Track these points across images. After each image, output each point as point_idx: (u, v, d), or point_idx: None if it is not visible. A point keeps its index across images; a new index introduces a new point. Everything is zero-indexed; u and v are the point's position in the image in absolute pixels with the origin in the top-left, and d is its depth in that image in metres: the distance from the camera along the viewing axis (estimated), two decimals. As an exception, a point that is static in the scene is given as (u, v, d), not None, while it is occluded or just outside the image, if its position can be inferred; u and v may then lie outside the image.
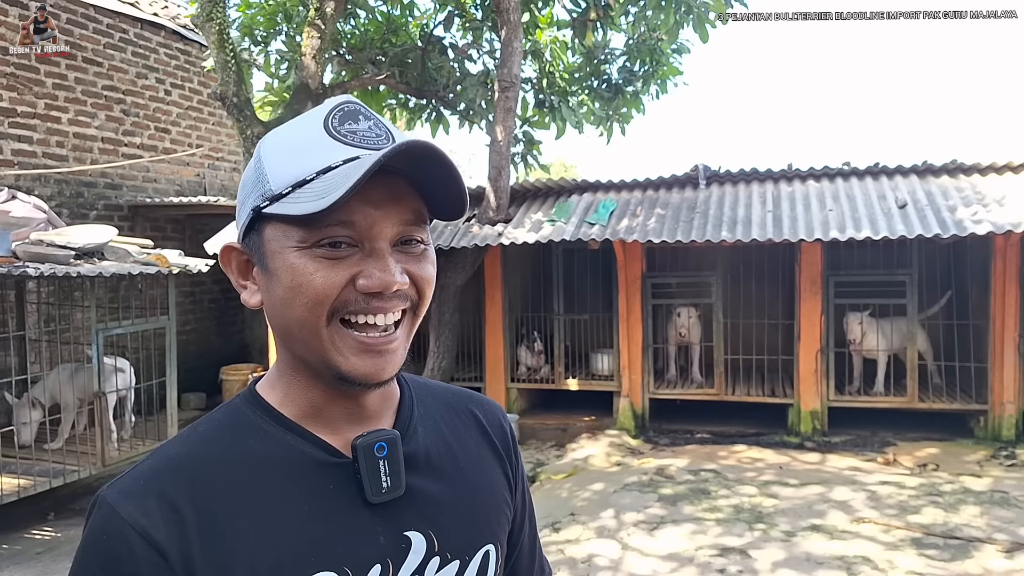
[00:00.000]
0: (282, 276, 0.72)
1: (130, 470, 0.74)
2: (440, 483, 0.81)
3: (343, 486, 0.75)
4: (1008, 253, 6.00)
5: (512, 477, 0.91)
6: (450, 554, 0.79)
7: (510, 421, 0.97)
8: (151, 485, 0.71)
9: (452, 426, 0.87)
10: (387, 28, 7.35)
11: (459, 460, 0.85)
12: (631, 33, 7.50)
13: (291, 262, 0.71)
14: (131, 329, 5.26)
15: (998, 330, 6.06)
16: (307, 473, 0.74)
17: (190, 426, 0.79)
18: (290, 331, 0.74)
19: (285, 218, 0.70)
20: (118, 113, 7.56)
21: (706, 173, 7.05)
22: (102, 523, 0.70)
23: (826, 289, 6.38)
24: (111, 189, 7.53)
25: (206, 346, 8.44)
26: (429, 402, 0.88)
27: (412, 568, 0.76)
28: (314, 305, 0.71)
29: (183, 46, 8.38)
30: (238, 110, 6.01)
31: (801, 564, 3.88)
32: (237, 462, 0.73)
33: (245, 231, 0.75)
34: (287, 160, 0.71)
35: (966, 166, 6.57)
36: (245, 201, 0.75)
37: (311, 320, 0.71)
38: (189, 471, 0.72)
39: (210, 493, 0.71)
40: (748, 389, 6.83)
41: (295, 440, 0.75)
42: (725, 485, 5.18)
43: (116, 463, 5.17)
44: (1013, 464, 5.51)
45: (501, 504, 0.88)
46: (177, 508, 0.70)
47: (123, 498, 0.70)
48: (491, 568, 0.83)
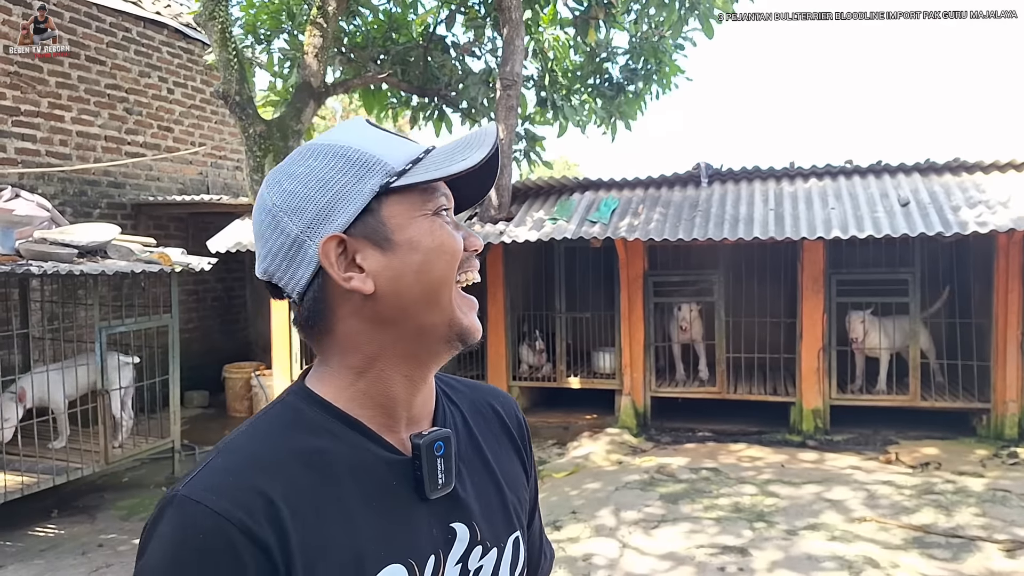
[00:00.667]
0: (421, 241, 0.77)
1: (202, 468, 0.73)
2: (472, 477, 0.86)
3: (403, 482, 0.79)
4: (1011, 251, 5.98)
5: (527, 466, 0.97)
6: (489, 543, 0.84)
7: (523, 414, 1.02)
8: (243, 481, 0.70)
9: (477, 421, 0.92)
10: (389, 26, 7.36)
11: (485, 453, 0.90)
12: (634, 31, 7.49)
13: (426, 226, 0.78)
14: (134, 327, 5.29)
15: (1001, 328, 6.04)
16: (372, 470, 0.77)
17: (249, 424, 0.79)
18: (423, 296, 0.78)
19: (409, 189, 0.77)
20: (121, 112, 7.58)
21: (708, 171, 7.05)
22: (193, 521, 0.67)
23: (828, 287, 6.37)
24: (114, 187, 7.56)
25: (209, 344, 8.47)
26: (455, 398, 0.92)
27: (457, 556, 0.81)
28: (452, 261, 0.78)
29: (186, 45, 8.39)
30: (240, 108, 6.02)
31: (800, 563, 3.88)
32: (311, 461, 0.75)
33: (354, 219, 0.77)
34: (390, 148, 0.79)
35: (968, 164, 6.55)
36: (347, 190, 0.76)
37: (449, 276, 0.78)
38: (271, 467, 0.73)
39: (295, 489, 0.72)
40: (750, 387, 6.83)
41: (358, 439, 0.78)
42: (725, 484, 5.18)
43: (119, 460, 5.20)
44: (1016, 463, 5.49)
45: (522, 493, 0.93)
46: (273, 503, 0.70)
47: (214, 495, 0.68)
48: (522, 553, 0.90)
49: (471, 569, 0.83)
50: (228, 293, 8.96)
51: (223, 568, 0.66)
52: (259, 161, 6.12)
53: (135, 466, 5.80)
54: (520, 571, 0.89)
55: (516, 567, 0.89)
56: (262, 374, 7.44)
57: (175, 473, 5.42)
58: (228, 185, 8.96)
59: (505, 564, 0.87)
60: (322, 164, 0.77)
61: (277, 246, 0.78)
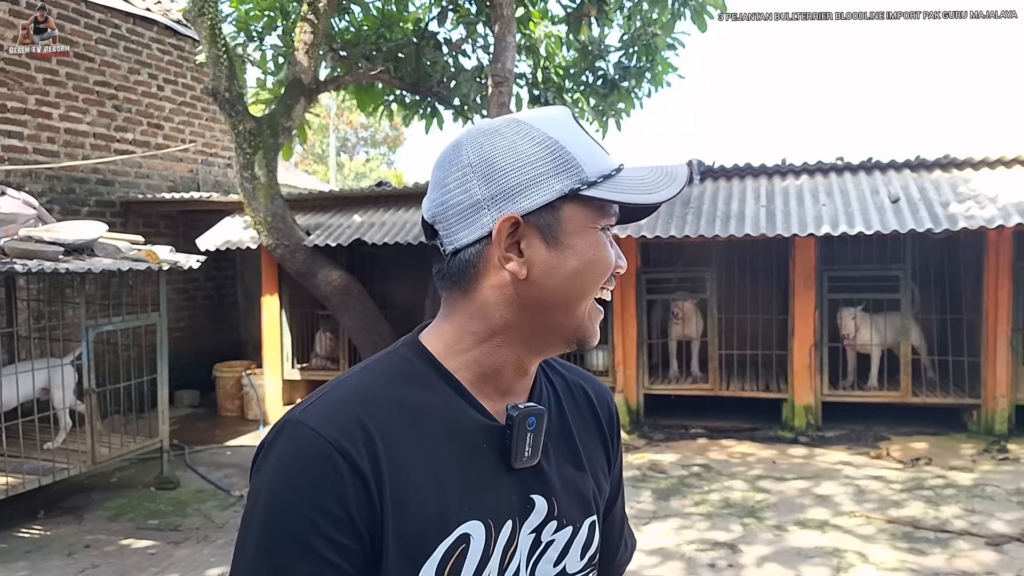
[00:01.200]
0: (583, 251, 0.82)
1: (319, 398, 0.80)
2: (558, 455, 0.90)
3: (493, 448, 0.83)
4: (1001, 247, 5.99)
5: (612, 455, 1.00)
6: (565, 520, 0.88)
7: (615, 404, 1.05)
8: (351, 414, 0.77)
9: (569, 403, 0.95)
10: (381, 23, 7.32)
11: (574, 436, 0.93)
12: (626, 28, 7.48)
13: (594, 239, 0.82)
14: (122, 326, 5.25)
15: (991, 324, 6.05)
16: (466, 430, 0.82)
17: (363, 365, 0.85)
18: (564, 300, 0.82)
19: (597, 201, 0.82)
20: (110, 109, 7.53)
21: (700, 168, 7.04)
22: (304, 444, 0.75)
23: (820, 284, 6.37)
24: (103, 185, 7.51)
25: (200, 343, 8.43)
26: (553, 377, 0.96)
27: (533, 526, 0.86)
28: (602, 276, 0.83)
29: (176, 41, 8.35)
30: (230, 105, 5.99)
31: (789, 558, 3.88)
32: (411, 409, 0.81)
33: (534, 208, 0.81)
34: (590, 155, 0.82)
35: (958, 161, 6.56)
36: (540, 180, 0.81)
37: (592, 290, 0.83)
38: (376, 408, 0.79)
39: (394, 432, 0.78)
40: (743, 384, 6.83)
41: (457, 399, 0.83)
42: (716, 480, 5.18)
43: (107, 460, 5.17)
44: (1005, 458, 5.50)
45: (602, 479, 0.96)
46: (372, 439, 0.76)
47: (325, 423, 0.76)
48: (596, 537, 0.93)
49: (543, 541, 0.87)
50: (219, 292, 8.92)
51: (327, 488, 0.73)
52: (249, 158, 6.09)
53: (123, 466, 5.76)
54: (592, 555, 0.92)
55: (588, 549, 0.91)
56: (253, 373, 7.40)
57: (163, 473, 5.39)
58: (219, 182, 8.92)
59: (577, 544, 0.90)
60: (527, 145, 0.81)
61: (456, 200, 0.82)
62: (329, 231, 6.79)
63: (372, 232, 6.68)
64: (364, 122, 27.35)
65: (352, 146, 29.18)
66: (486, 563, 0.81)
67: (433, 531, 0.78)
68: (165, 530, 4.56)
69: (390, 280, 7.65)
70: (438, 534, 0.78)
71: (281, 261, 6.51)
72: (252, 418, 7.29)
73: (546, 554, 0.87)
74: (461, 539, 0.79)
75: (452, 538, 0.79)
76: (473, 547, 0.80)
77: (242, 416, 7.43)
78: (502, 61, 6.45)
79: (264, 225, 6.18)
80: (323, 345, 7.45)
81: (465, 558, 0.79)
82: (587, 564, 0.92)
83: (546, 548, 0.87)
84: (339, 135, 27.52)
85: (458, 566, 0.79)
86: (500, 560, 0.82)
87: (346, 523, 0.74)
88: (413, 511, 0.77)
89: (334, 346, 7.37)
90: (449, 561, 0.78)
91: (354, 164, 28.64)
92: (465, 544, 0.79)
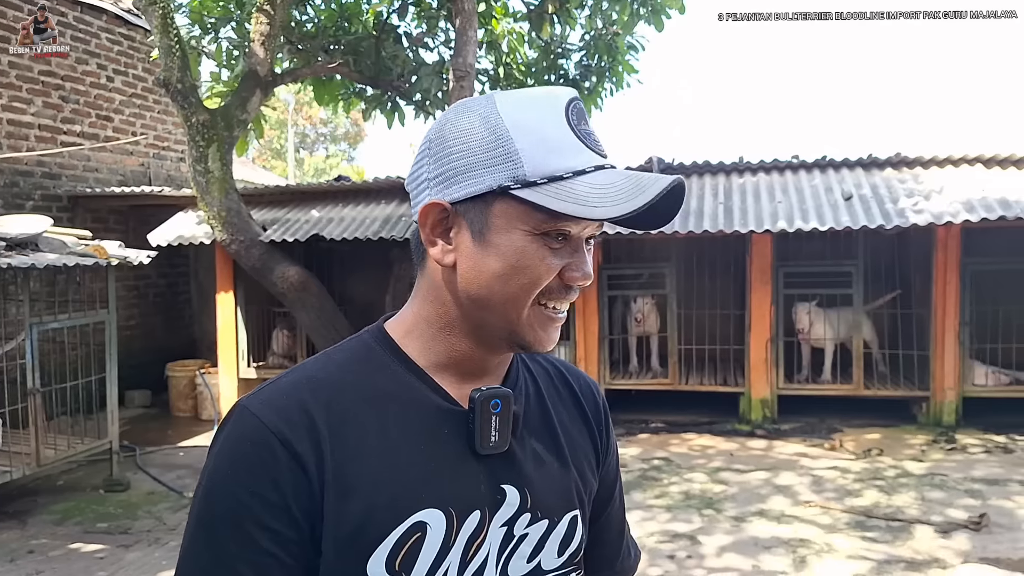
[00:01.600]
0: (506, 253, 0.75)
1: (270, 383, 0.79)
2: (536, 445, 0.86)
3: (456, 433, 0.79)
4: (949, 244, 6.17)
5: (601, 450, 0.95)
6: (540, 513, 0.83)
7: (604, 397, 1.00)
8: (294, 400, 0.76)
9: (551, 393, 0.92)
10: (340, 15, 7.22)
11: (554, 426, 0.89)
12: (588, 28, 7.50)
13: (520, 244, 0.75)
14: (68, 324, 5.08)
15: (940, 319, 6.22)
16: (426, 416, 0.79)
17: (325, 352, 0.84)
18: (489, 299, 0.77)
19: (535, 205, 0.73)
20: (56, 100, 7.28)
21: (660, 165, 7.10)
22: (246, 430, 0.75)
23: (776, 280, 6.48)
24: (49, 179, 7.26)
25: (151, 341, 8.20)
26: (533, 368, 0.92)
27: (504, 519, 0.81)
28: (530, 287, 0.76)
29: (127, 31, 8.11)
30: (183, 97, 5.84)
31: (747, 548, 3.93)
32: (367, 395, 0.78)
33: (466, 196, 0.76)
34: (542, 151, 0.74)
35: (909, 159, 6.74)
36: (475, 169, 0.75)
37: (522, 298, 0.76)
38: (326, 393, 0.77)
39: (343, 417, 0.76)
40: (701, 378, 6.91)
41: (418, 384, 0.80)
42: (676, 472, 5.23)
43: (53, 463, 4.99)
44: (953, 448, 5.66)
45: (587, 473, 0.91)
46: (315, 424, 0.74)
47: (267, 408, 0.75)
48: (577, 534, 0.88)
49: (516, 535, 0.82)
50: (171, 289, 8.70)
51: (263, 473, 0.73)
52: (202, 151, 5.94)
53: (71, 468, 5.57)
54: (573, 552, 0.87)
55: (568, 545, 0.87)
56: (207, 372, 7.24)
57: (113, 475, 5.22)
58: (171, 177, 8.70)
59: (554, 539, 0.85)
60: (480, 130, 0.76)
61: (415, 175, 0.81)
62: (286, 226, 6.67)
63: (330, 227, 6.58)
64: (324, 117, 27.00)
65: (312, 142, 28.79)
66: (445, 554, 0.77)
67: (383, 519, 0.75)
68: (114, 533, 4.42)
69: (349, 276, 7.56)
70: (389, 522, 0.75)
71: (236, 257, 6.37)
72: (206, 418, 7.13)
73: (519, 549, 0.82)
74: (416, 527, 0.75)
75: (405, 526, 0.75)
76: (430, 537, 0.76)
77: (196, 416, 7.26)
78: (463, 55, 6.41)
79: (218, 220, 6.04)
80: (280, 343, 7.32)
81: (421, 548, 0.76)
82: (567, 562, 0.87)
83: (519, 542, 0.82)
84: (298, 131, 27.13)
85: (412, 556, 0.75)
86: (463, 552, 0.78)
87: (281, 509, 0.72)
88: (361, 498, 0.74)
89: (291, 344, 7.25)
90: (401, 550, 0.75)
91: (314, 160, 28.26)
92: (420, 533, 0.76)
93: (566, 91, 0.78)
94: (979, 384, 6.30)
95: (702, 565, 3.75)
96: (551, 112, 0.76)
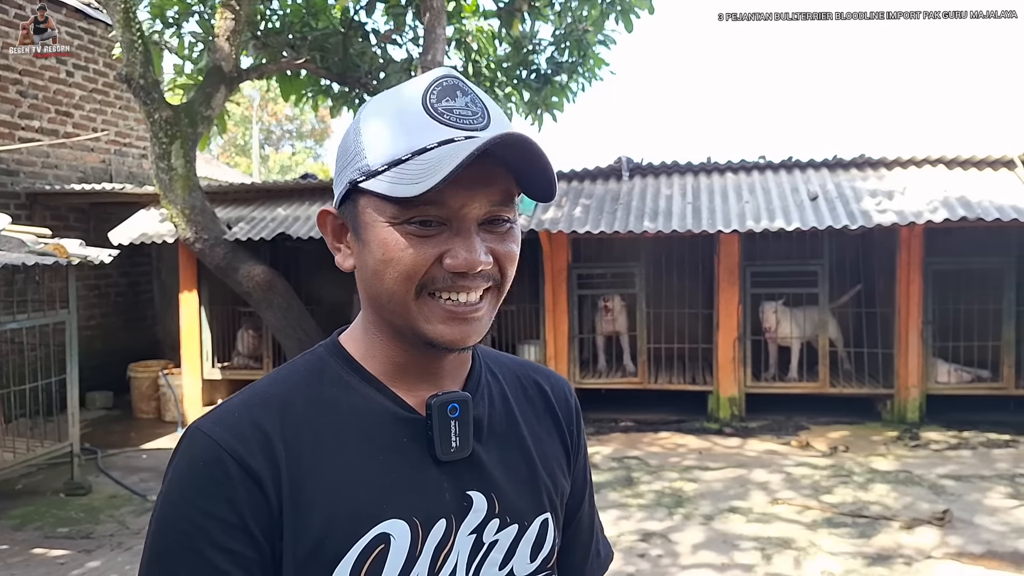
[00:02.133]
0: (374, 249, 0.75)
1: (221, 404, 0.78)
2: (502, 449, 0.84)
3: (415, 441, 0.78)
4: (912, 244, 6.29)
5: (572, 450, 0.94)
6: (509, 518, 0.82)
7: (576, 398, 0.98)
8: (244, 416, 0.75)
9: (517, 396, 0.90)
10: (307, 11, 7.12)
11: (521, 429, 0.87)
12: (558, 24, 7.50)
13: (383, 236, 0.74)
14: (27, 324, 4.93)
15: (903, 317, 6.35)
16: (383, 425, 0.78)
17: (275, 369, 0.83)
18: (379, 298, 0.77)
19: (380, 195, 0.73)
20: (14, 95, 7.07)
21: (629, 165, 7.14)
22: (198, 450, 0.73)
23: (743, 279, 6.55)
24: (6, 176, 7.05)
25: (113, 342, 8.01)
26: (498, 371, 0.90)
27: (472, 526, 0.79)
28: (404, 280, 0.74)
29: (87, 25, 7.91)
30: (145, 92, 5.70)
31: (719, 545, 3.96)
32: (321, 408, 0.77)
33: (341, 199, 0.78)
34: (384, 136, 0.74)
35: (873, 160, 6.87)
36: (343, 171, 0.77)
37: (400, 292, 0.75)
38: (279, 408, 0.76)
39: (297, 432, 0.75)
40: (670, 377, 6.95)
41: (373, 393, 0.79)
42: (648, 471, 5.25)
43: (11, 466, 4.84)
44: (917, 445, 5.78)
45: (558, 475, 0.90)
46: (269, 439, 0.73)
47: (218, 427, 0.74)
48: (549, 537, 0.86)
49: (486, 542, 0.81)
50: (133, 288, 8.50)
51: (219, 492, 0.71)
52: (165, 148, 5.82)
53: (30, 472, 5.41)
54: (545, 556, 0.86)
55: (540, 550, 0.85)
56: (170, 373, 7.09)
57: (74, 478, 5.08)
58: (133, 174, 8.50)
59: (525, 543, 0.84)
60: (348, 135, 0.78)
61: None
62: (251, 224, 6.56)
63: (297, 226, 6.48)
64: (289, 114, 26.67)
65: (277, 139, 28.40)
66: (412, 565, 0.75)
67: (344, 531, 0.73)
68: (76, 538, 4.30)
69: (316, 276, 7.46)
70: (351, 534, 0.73)
71: (200, 256, 6.24)
72: (170, 420, 6.98)
73: (490, 556, 0.81)
74: (379, 539, 0.74)
75: (368, 538, 0.73)
76: (395, 547, 0.74)
77: (159, 418, 7.11)
78: (432, 53, 6.37)
79: (182, 218, 5.92)
80: (245, 343, 7.20)
81: (386, 559, 0.74)
82: (540, 567, 0.85)
83: (490, 549, 0.81)
84: (263, 127, 26.74)
85: (377, 567, 0.74)
86: (431, 562, 0.76)
87: (239, 528, 0.71)
88: (321, 512, 0.72)
89: (257, 344, 7.13)
90: (366, 562, 0.73)
91: (279, 157, 27.88)
92: (384, 544, 0.74)
93: (440, 71, 0.76)
94: (942, 382, 6.43)
95: (676, 563, 3.77)
96: (407, 98, 0.75)
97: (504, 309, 7.31)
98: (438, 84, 0.74)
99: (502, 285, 0.79)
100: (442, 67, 0.78)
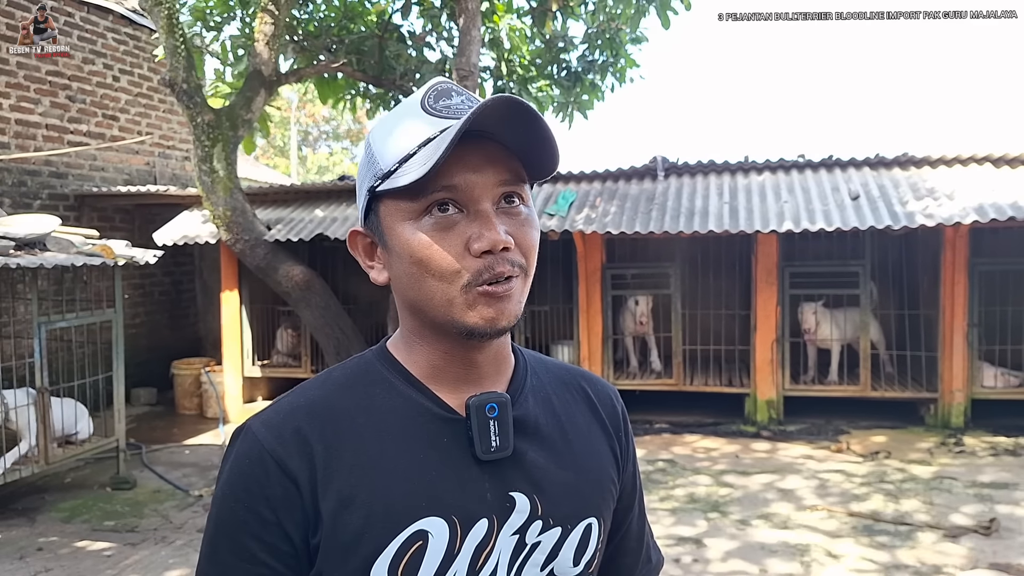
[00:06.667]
0: (402, 253, 0.77)
1: (273, 404, 0.83)
2: (547, 451, 0.85)
3: (456, 441, 0.80)
4: (957, 244, 6.13)
5: (620, 456, 0.94)
6: (552, 520, 0.83)
7: (623, 403, 0.99)
8: (289, 419, 0.79)
9: (563, 399, 0.91)
10: (344, 14, 7.21)
11: (567, 432, 0.88)
12: (590, 23, 7.47)
13: (406, 238, 0.76)
14: (75, 322, 5.09)
15: (948, 320, 6.19)
16: (424, 425, 0.80)
17: (326, 370, 0.87)
18: (418, 301, 0.79)
19: (395, 192, 0.76)
20: (63, 99, 7.29)
21: (664, 165, 7.08)
22: (246, 449, 0.79)
23: (781, 280, 6.45)
24: (56, 178, 7.28)
25: (157, 340, 8.23)
26: (542, 374, 0.91)
27: (515, 527, 0.81)
28: (442, 276, 0.76)
29: (132, 31, 8.12)
30: (188, 96, 5.84)
31: (753, 553, 3.91)
32: (364, 409, 0.80)
33: (365, 215, 0.82)
34: (392, 140, 0.78)
35: (917, 159, 6.70)
36: (361, 186, 0.82)
37: (439, 292, 0.77)
38: (322, 411, 0.80)
39: (338, 433, 0.78)
40: (706, 379, 6.88)
41: (416, 395, 0.81)
42: (681, 475, 5.21)
43: (61, 461, 5.01)
44: (961, 451, 5.64)
45: (606, 481, 0.90)
46: (308, 442, 0.77)
47: (265, 428, 0.79)
48: (593, 541, 0.86)
49: (528, 543, 0.81)
50: (176, 287, 8.71)
51: (258, 490, 0.77)
52: (207, 151, 5.95)
53: (78, 466, 5.60)
54: (589, 559, 0.86)
55: (584, 553, 0.86)
56: (212, 370, 7.25)
57: (120, 473, 5.24)
58: (176, 176, 8.71)
59: (569, 547, 0.84)
60: (364, 150, 0.82)
61: None
62: (290, 226, 6.67)
63: (335, 227, 6.57)
64: (326, 115, 26.99)
65: (314, 139, 28.78)
66: (450, 563, 0.77)
67: (383, 527, 0.75)
68: (121, 531, 4.44)
69: (353, 275, 7.55)
70: (389, 530, 0.76)
71: (241, 256, 6.37)
72: (211, 416, 7.14)
73: (532, 557, 0.82)
74: (417, 535, 0.76)
75: (405, 535, 0.76)
76: (432, 545, 0.76)
77: (201, 414, 7.27)
78: (467, 55, 6.40)
79: (223, 219, 6.05)
80: (284, 342, 7.33)
81: (423, 556, 0.76)
82: (583, 571, 0.86)
83: (532, 550, 0.82)
84: (301, 128, 27.13)
85: (415, 564, 0.76)
86: (471, 561, 0.78)
87: (273, 524, 0.76)
88: (360, 508, 0.76)
89: (296, 342, 7.26)
90: (404, 558, 0.75)
91: (317, 158, 28.26)
92: (422, 542, 0.76)
93: (434, 80, 0.81)
94: (988, 386, 6.26)
95: (708, 570, 3.74)
96: (407, 106, 0.80)
97: (538, 309, 7.33)
98: (433, 89, 0.80)
99: (528, 271, 0.80)
100: (437, 77, 0.84)
